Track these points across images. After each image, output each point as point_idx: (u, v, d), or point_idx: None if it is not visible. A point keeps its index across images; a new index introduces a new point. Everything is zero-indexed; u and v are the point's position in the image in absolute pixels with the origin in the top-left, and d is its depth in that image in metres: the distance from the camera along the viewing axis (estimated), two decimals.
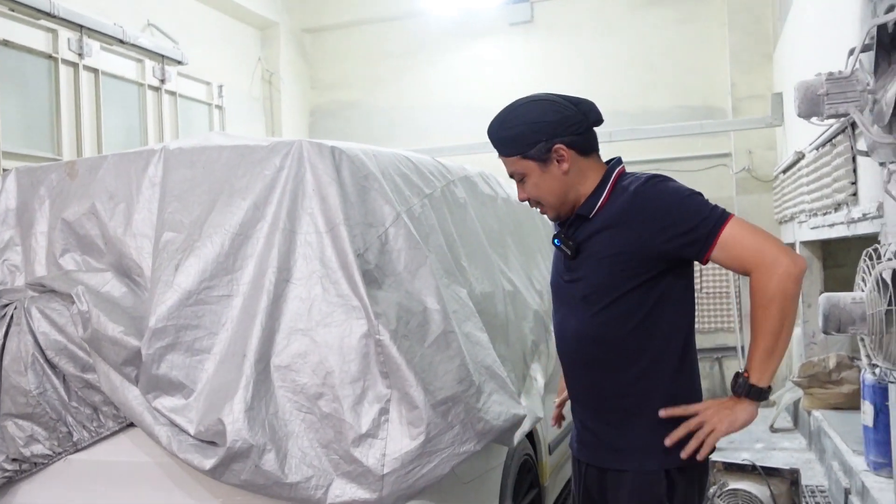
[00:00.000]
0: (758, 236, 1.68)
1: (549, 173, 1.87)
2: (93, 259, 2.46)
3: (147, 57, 6.27)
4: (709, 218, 1.70)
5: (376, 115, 8.70)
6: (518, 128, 1.88)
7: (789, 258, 1.65)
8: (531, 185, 1.90)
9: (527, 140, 1.86)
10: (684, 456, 1.75)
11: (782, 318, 1.67)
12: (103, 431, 2.29)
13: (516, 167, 1.90)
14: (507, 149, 1.91)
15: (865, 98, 2.61)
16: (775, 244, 1.68)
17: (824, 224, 4.45)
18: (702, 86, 7.63)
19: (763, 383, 1.71)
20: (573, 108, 1.88)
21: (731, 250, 1.68)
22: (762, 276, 1.66)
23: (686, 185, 1.80)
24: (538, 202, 1.93)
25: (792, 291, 1.65)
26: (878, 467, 3.67)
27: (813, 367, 5.24)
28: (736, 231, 1.68)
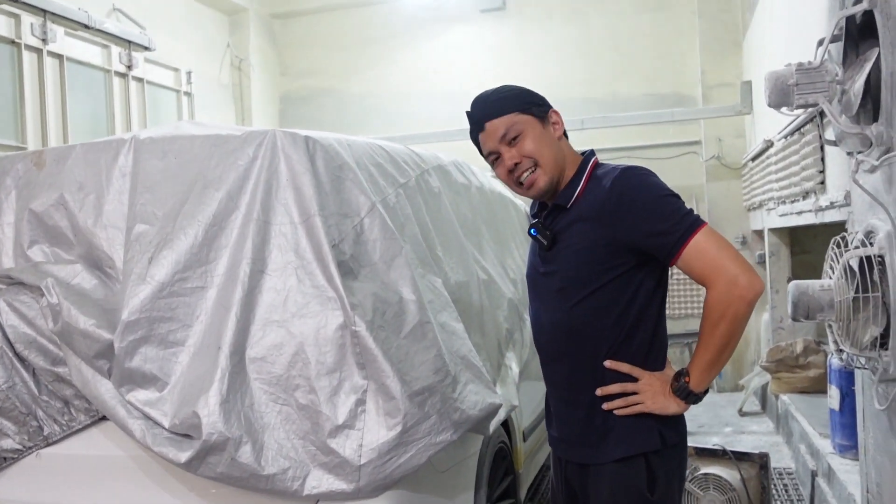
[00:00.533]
0: (723, 251, 1.69)
1: (546, 133, 1.87)
2: (62, 251, 2.42)
3: (113, 42, 6.16)
4: (681, 223, 1.70)
5: (348, 102, 8.64)
6: (515, 90, 1.90)
7: (747, 280, 1.66)
8: (530, 140, 1.84)
9: (526, 98, 1.87)
10: (605, 408, 1.83)
11: (728, 337, 1.71)
12: (75, 425, 2.26)
13: (512, 122, 1.85)
14: (503, 106, 1.86)
15: (834, 88, 2.65)
16: (738, 262, 1.68)
17: (792, 212, 4.51)
18: (672, 73, 7.68)
19: (699, 389, 1.80)
20: None
21: (695, 261, 1.69)
22: (718, 294, 1.68)
23: (664, 183, 1.80)
24: (535, 164, 1.84)
25: (743, 314, 1.68)
26: (843, 450, 3.76)
27: (781, 351, 5.34)
28: (704, 242, 1.69)
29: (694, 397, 1.80)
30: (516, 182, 1.88)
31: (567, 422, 1.93)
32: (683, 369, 1.82)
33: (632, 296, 1.79)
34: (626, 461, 1.81)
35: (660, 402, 1.80)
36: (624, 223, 1.74)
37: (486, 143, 1.91)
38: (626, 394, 1.82)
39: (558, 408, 1.97)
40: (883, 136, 2.36)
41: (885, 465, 2.55)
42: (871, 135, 2.49)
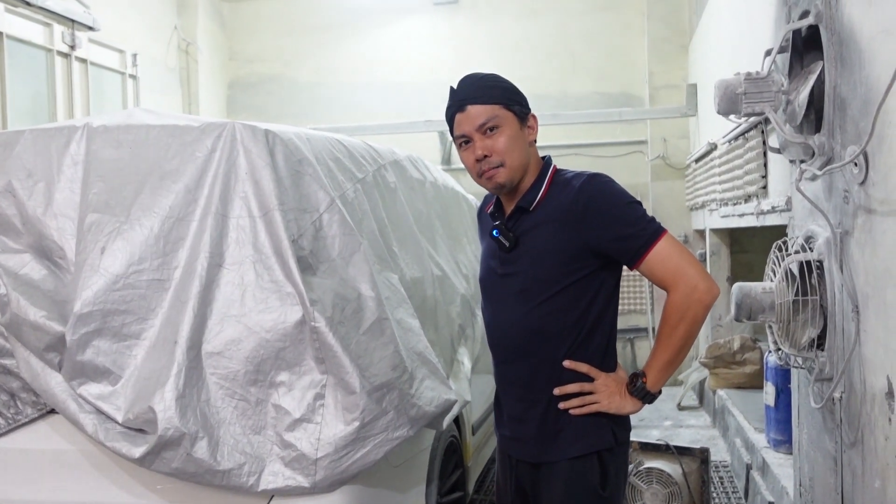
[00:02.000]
0: (683, 257, 1.78)
1: (521, 135, 1.90)
2: (9, 239, 2.35)
3: (55, 21, 5.95)
4: (645, 229, 1.79)
5: (297, 90, 8.54)
6: (505, 83, 1.92)
7: (706, 285, 1.77)
8: (505, 138, 1.86)
9: (515, 95, 1.90)
10: (561, 407, 1.89)
11: (686, 338, 1.81)
12: (21, 419, 2.21)
13: (495, 113, 1.86)
14: (491, 94, 1.87)
15: (780, 98, 2.75)
16: (697, 268, 1.79)
17: (734, 213, 4.66)
18: (621, 73, 7.82)
19: (655, 389, 1.89)
20: None
21: (658, 266, 1.78)
22: (678, 297, 1.77)
23: (626, 191, 1.87)
24: (500, 162, 1.87)
25: (701, 317, 1.79)
26: (777, 444, 3.91)
27: (719, 348, 5.51)
28: (666, 248, 1.78)
29: (650, 397, 1.88)
30: (478, 172, 1.91)
31: (522, 420, 1.97)
32: (639, 371, 1.89)
33: (592, 298, 1.85)
34: (580, 459, 1.87)
35: (616, 401, 1.86)
36: (591, 227, 1.79)
37: (460, 125, 1.90)
38: (584, 393, 1.87)
39: (513, 407, 2.00)
40: (825, 146, 2.47)
41: (818, 460, 2.67)
42: (814, 145, 2.60)
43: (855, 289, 2.16)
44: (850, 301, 2.27)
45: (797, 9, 2.83)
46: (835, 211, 2.44)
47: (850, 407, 2.31)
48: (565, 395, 1.89)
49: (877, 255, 1.93)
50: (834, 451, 2.48)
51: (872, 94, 1.93)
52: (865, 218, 2.03)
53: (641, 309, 7.64)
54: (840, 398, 2.40)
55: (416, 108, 7.87)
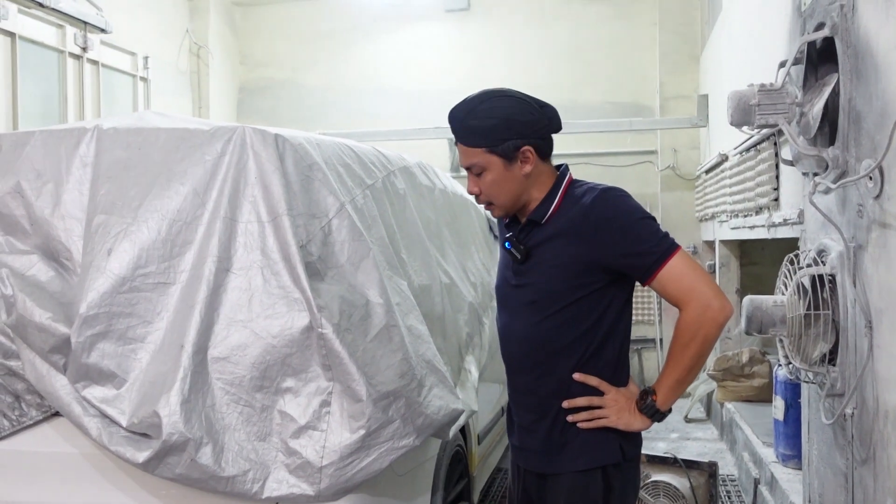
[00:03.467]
0: (697, 274, 1.75)
1: (510, 173, 1.86)
2: (17, 240, 2.34)
3: (68, 23, 5.98)
4: (659, 246, 1.76)
5: (307, 95, 8.56)
6: (491, 121, 1.83)
7: (719, 303, 1.73)
8: (489, 183, 1.87)
9: (498, 135, 1.83)
10: (569, 420, 1.87)
11: (698, 357, 1.78)
12: (25, 421, 2.19)
13: (478, 160, 1.86)
14: (473, 139, 1.86)
15: (794, 110, 2.72)
16: (711, 286, 1.75)
17: (745, 225, 4.63)
18: (632, 83, 7.80)
19: (666, 408, 1.86)
20: (539, 110, 1.88)
21: (671, 283, 1.75)
22: (690, 315, 1.74)
23: (640, 206, 1.84)
24: (489, 201, 1.92)
25: (713, 336, 1.75)
26: (786, 459, 3.88)
27: (727, 360, 5.47)
28: (679, 265, 1.74)
29: (660, 415, 1.85)
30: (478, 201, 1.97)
31: (530, 431, 1.95)
32: (650, 388, 1.86)
33: (603, 311, 1.83)
34: (584, 473, 1.84)
35: (625, 418, 1.83)
36: (603, 242, 1.77)
37: (460, 156, 1.94)
38: (593, 407, 1.84)
39: (523, 417, 1.99)
40: (839, 159, 2.44)
41: (829, 476, 2.64)
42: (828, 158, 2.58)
43: (868, 304, 2.13)
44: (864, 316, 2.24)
45: (812, 21, 2.81)
46: (848, 225, 2.42)
47: (863, 423, 2.28)
48: (575, 408, 1.86)
49: (891, 270, 1.91)
50: (845, 468, 2.45)
51: (889, 107, 1.91)
52: (880, 232, 2.00)
53: (650, 320, 7.60)
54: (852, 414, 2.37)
55: (426, 114, 7.86)
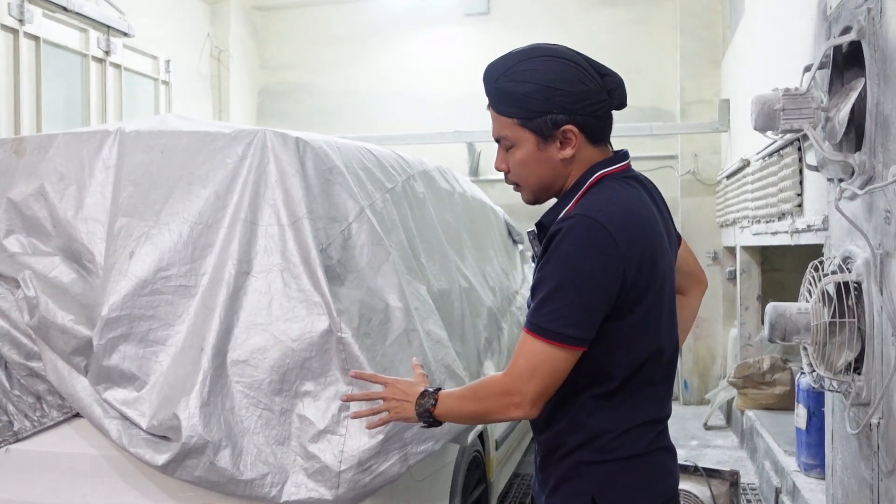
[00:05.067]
0: (526, 358, 1.47)
1: (544, 154, 1.55)
2: (40, 242, 2.37)
3: (91, 27, 6.04)
4: (539, 315, 1.46)
5: (326, 98, 8.58)
6: (528, 85, 1.51)
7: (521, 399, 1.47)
8: (517, 161, 1.58)
9: (535, 105, 1.51)
10: (352, 416, 1.73)
11: (477, 415, 1.59)
12: (47, 421, 2.21)
13: (509, 132, 1.57)
14: (504, 106, 1.56)
15: (819, 115, 2.69)
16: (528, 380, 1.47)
17: (767, 231, 4.58)
18: (652, 88, 7.75)
19: (442, 418, 1.62)
20: (599, 79, 1.55)
21: (516, 349, 1.51)
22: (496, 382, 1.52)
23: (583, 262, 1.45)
24: (516, 182, 1.63)
25: (497, 415, 1.53)
26: (808, 468, 3.82)
27: (748, 367, 5.41)
28: (528, 344, 1.47)
29: (432, 422, 1.62)
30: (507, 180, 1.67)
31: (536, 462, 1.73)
32: (434, 389, 1.63)
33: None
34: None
35: (404, 409, 1.62)
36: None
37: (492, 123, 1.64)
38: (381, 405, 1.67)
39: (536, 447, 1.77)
40: (865, 164, 2.41)
41: (853, 487, 2.59)
42: (854, 163, 2.54)
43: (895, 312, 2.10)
44: (890, 324, 2.20)
45: (838, 24, 2.78)
46: (875, 231, 2.38)
47: (889, 433, 2.24)
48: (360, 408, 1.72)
49: None
50: (870, 479, 2.41)
51: None
52: None
53: None
54: (878, 424, 2.33)
55: (446, 118, 7.86)
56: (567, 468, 1.58)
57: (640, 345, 1.55)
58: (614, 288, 1.46)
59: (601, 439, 1.55)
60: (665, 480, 1.63)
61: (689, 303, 1.92)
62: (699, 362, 7.44)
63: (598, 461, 1.55)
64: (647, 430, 1.58)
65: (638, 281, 1.50)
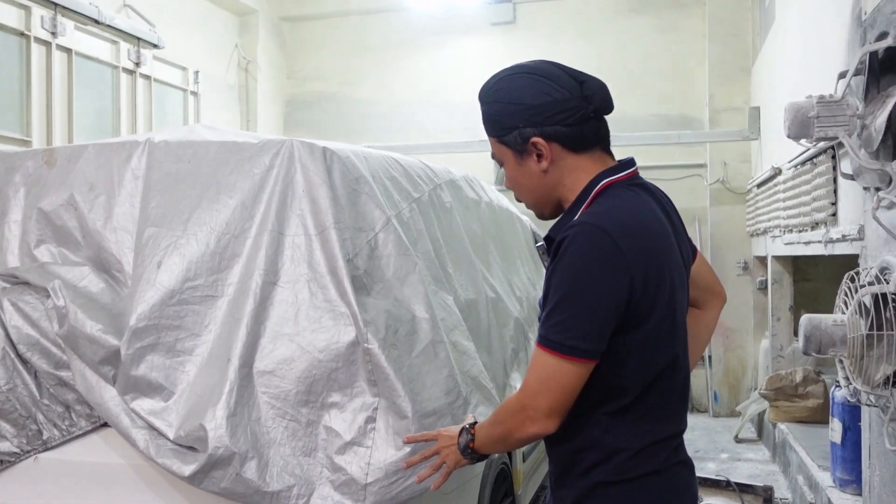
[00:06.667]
0: (539, 375, 1.46)
1: (525, 168, 1.58)
2: (69, 252, 2.38)
3: (122, 39, 6.12)
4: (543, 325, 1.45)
5: (352, 108, 8.62)
6: (495, 105, 1.59)
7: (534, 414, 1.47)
8: (508, 179, 1.65)
9: (503, 122, 1.57)
10: (417, 481, 1.76)
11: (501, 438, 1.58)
12: (75, 431, 2.21)
13: (495, 150, 1.64)
14: (486, 126, 1.63)
15: (854, 123, 2.64)
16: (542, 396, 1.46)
17: (799, 241, 4.50)
18: (680, 95, 7.69)
19: (480, 450, 1.64)
20: (573, 87, 1.55)
21: (531, 361, 1.50)
22: (512, 402, 1.53)
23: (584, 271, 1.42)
24: (518, 198, 1.68)
25: (515, 434, 1.52)
26: (844, 484, 3.73)
27: (780, 380, 5.31)
28: (537, 357, 1.46)
29: (476, 457, 1.65)
30: None
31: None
32: (470, 424, 1.66)
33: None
34: None
35: (453, 453, 1.66)
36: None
37: None
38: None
39: None
40: None
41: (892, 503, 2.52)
42: (892, 171, 2.48)
43: None
44: None
45: (874, 30, 2.72)
46: None
47: None
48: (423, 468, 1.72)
49: None
50: None
51: None
52: None
53: None
54: None
55: (472, 127, 7.82)
56: (583, 489, 1.54)
57: (654, 358, 1.51)
58: (622, 297, 1.43)
59: (617, 458, 1.51)
60: (683, 497, 1.59)
61: (706, 317, 1.84)
62: (729, 373, 7.33)
63: (615, 482, 1.51)
64: (664, 446, 1.55)
65: (646, 291, 1.46)
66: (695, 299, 1.79)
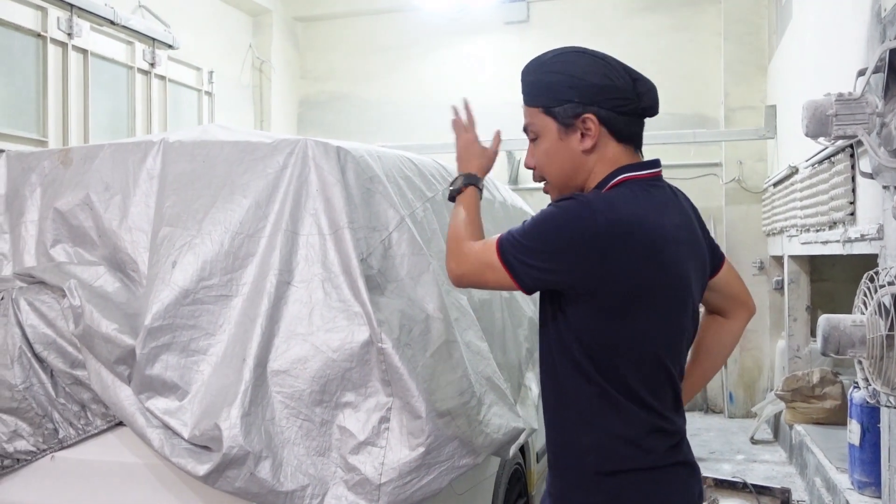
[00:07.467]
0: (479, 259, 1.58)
1: (565, 143, 1.58)
2: (85, 251, 2.39)
3: (137, 39, 6.15)
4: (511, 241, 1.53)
5: (366, 108, 8.63)
6: (553, 76, 1.58)
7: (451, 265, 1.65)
8: (541, 151, 1.61)
9: (557, 93, 1.56)
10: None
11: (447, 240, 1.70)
12: (91, 430, 2.22)
13: (534, 120, 1.61)
14: (531, 96, 1.62)
15: (874, 121, 2.60)
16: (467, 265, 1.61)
17: (817, 240, 4.45)
18: (695, 94, 7.64)
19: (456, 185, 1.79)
20: (629, 80, 1.57)
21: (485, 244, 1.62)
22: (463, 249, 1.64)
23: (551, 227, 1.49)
24: (541, 176, 1.65)
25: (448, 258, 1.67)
26: (862, 486, 3.69)
27: (797, 380, 5.27)
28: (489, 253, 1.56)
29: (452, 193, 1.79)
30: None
31: None
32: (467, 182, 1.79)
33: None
34: None
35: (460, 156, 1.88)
36: None
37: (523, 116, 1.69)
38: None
39: None
40: None
41: None
42: None
43: None
44: None
45: (894, 27, 2.68)
46: None
47: None
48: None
49: None
50: None
51: None
52: None
53: None
54: None
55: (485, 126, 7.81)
56: (577, 477, 1.54)
57: (646, 353, 1.52)
58: (579, 271, 1.47)
59: (611, 444, 1.51)
60: (683, 497, 1.57)
61: (731, 326, 1.83)
62: (745, 374, 7.27)
63: (611, 472, 1.51)
64: (658, 440, 1.53)
65: (633, 283, 1.47)
66: (721, 308, 1.80)
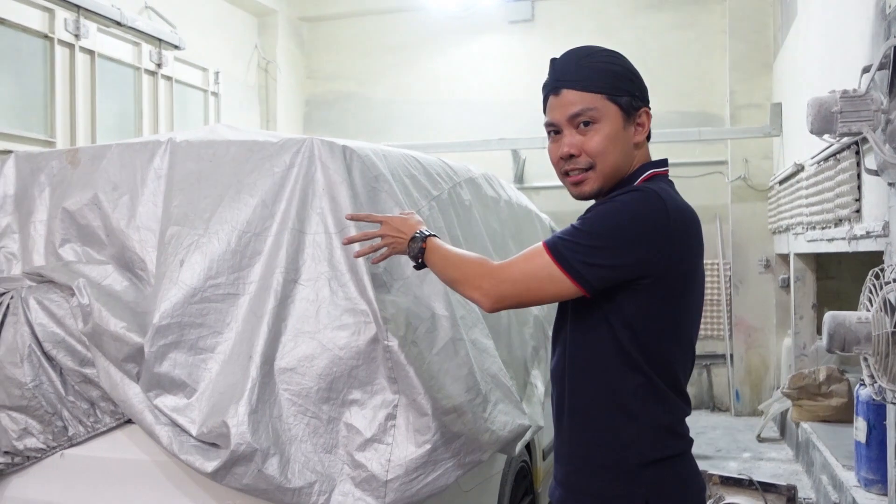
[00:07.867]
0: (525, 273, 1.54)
1: (625, 133, 1.57)
2: (93, 251, 2.41)
3: (144, 40, 6.19)
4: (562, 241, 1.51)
5: (372, 107, 8.65)
6: (615, 66, 1.58)
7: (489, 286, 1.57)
8: (600, 138, 1.55)
9: (622, 83, 1.57)
10: (355, 256, 1.92)
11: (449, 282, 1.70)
12: (100, 427, 2.24)
13: (595, 105, 1.55)
14: (593, 81, 1.56)
15: (879, 118, 2.60)
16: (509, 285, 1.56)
17: (822, 238, 4.45)
18: (700, 92, 7.63)
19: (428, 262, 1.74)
20: None
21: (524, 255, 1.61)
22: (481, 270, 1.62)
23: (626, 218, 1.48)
24: (590, 164, 1.57)
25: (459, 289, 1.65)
26: (869, 484, 3.69)
27: (803, 378, 5.26)
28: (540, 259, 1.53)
29: (419, 262, 1.76)
30: (563, 172, 1.63)
31: None
32: (424, 235, 1.76)
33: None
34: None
35: (401, 246, 1.79)
36: None
37: (552, 111, 1.61)
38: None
39: None
40: None
41: None
42: None
43: None
44: None
45: None
46: None
47: None
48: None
49: None
50: None
51: None
52: None
53: (719, 335, 7.38)
54: None
55: (490, 125, 7.85)
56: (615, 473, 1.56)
57: (685, 336, 1.58)
58: (651, 259, 1.48)
59: (654, 434, 1.54)
60: (698, 477, 1.65)
61: None
62: (751, 372, 7.27)
63: (651, 462, 1.54)
64: (685, 425, 1.62)
65: (684, 270, 1.53)
66: None
